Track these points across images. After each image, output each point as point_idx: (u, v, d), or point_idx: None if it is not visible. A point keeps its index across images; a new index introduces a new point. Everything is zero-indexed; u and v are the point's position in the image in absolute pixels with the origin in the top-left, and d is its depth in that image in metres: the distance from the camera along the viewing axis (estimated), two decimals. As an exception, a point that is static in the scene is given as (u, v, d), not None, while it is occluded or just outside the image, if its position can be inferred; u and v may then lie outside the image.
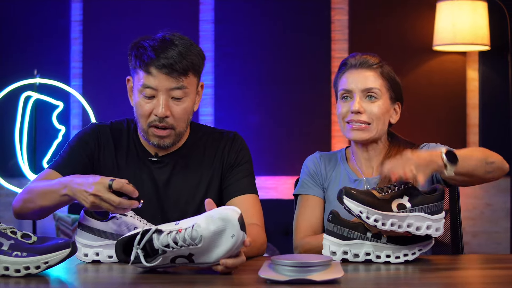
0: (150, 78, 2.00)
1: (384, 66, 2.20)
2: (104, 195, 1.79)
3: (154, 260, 1.63)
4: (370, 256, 1.87)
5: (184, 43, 2.03)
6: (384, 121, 2.19)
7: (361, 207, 1.78)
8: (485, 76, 4.29)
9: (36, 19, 4.43)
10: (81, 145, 2.13)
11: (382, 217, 1.78)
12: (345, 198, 1.80)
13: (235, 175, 2.14)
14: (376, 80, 2.18)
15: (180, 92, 2.02)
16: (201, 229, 1.59)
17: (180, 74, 2.01)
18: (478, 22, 3.99)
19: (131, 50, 2.08)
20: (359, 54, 2.23)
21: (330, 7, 4.38)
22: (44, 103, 4.28)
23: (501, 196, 4.28)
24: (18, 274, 1.63)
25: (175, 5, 4.41)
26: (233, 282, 1.61)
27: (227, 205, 2.12)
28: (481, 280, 1.66)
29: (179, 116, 2.05)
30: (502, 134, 4.19)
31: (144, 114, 2.04)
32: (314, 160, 2.29)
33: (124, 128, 2.18)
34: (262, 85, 4.34)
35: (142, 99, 2.03)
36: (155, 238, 1.63)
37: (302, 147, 4.20)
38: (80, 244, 1.89)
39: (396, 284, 1.65)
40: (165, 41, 2.03)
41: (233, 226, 1.60)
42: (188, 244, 1.59)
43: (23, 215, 2.05)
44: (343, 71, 2.22)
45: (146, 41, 2.05)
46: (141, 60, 2.02)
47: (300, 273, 1.56)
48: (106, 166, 2.12)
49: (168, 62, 1.98)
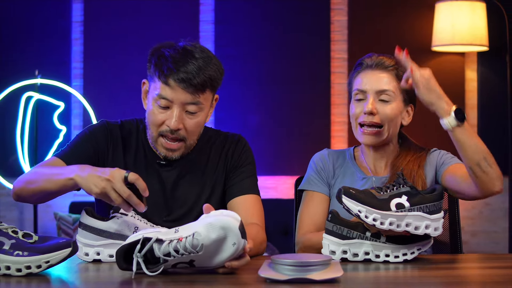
0: (167, 90, 1.98)
1: (400, 68, 2.18)
2: (117, 183, 1.78)
3: (155, 268, 1.63)
4: (369, 255, 1.87)
5: (204, 57, 2.00)
6: (396, 123, 2.19)
7: (360, 206, 1.78)
8: (483, 76, 4.29)
9: (37, 20, 4.43)
10: (90, 139, 2.11)
11: (380, 216, 1.78)
12: (344, 198, 1.80)
13: (238, 176, 2.14)
14: (391, 82, 2.17)
15: (195, 107, 2.01)
16: (201, 238, 1.58)
17: (198, 90, 1.98)
18: (477, 23, 3.99)
19: (152, 56, 2.04)
20: (376, 54, 2.22)
21: (330, 8, 4.38)
22: (45, 103, 4.28)
23: (500, 196, 4.25)
24: (19, 273, 1.63)
25: (175, 6, 4.41)
26: (233, 281, 1.61)
27: (228, 204, 2.13)
28: (480, 279, 1.66)
29: (191, 130, 2.03)
30: (500, 134, 4.19)
31: (156, 123, 2.02)
32: (322, 157, 2.28)
33: (133, 128, 2.17)
34: (262, 85, 4.34)
35: (156, 108, 2.01)
36: (156, 247, 1.62)
37: (301, 147, 4.20)
38: (81, 244, 1.89)
39: (395, 283, 1.65)
40: (186, 53, 1.99)
41: (234, 235, 1.59)
42: (189, 252, 1.59)
43: (22, 196, 2.00)
44: (358, 71, 2.20)
45: (167, 50, 2.01)
46: (161, 70, 1.98)
47: (300, 272, 1.56)
48: (114, 164, 2.09)
49: (187, 77, 1.96)
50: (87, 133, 2.12)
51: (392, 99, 2.16)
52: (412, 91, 2.13)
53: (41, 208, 4.43)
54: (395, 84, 2.17)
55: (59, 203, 4.44)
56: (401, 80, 2.12)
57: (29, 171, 2.01)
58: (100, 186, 1.79)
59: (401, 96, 2.18)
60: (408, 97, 2.20)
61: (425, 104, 1.99)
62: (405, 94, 2.19)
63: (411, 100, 2.22)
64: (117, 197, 1.79)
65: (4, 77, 4.31)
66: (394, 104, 2.17)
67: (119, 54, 4.40)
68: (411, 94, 2.18)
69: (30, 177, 1.97)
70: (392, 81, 2.17)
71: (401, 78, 2.12)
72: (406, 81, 2.03)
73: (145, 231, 1.67)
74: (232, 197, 2.13)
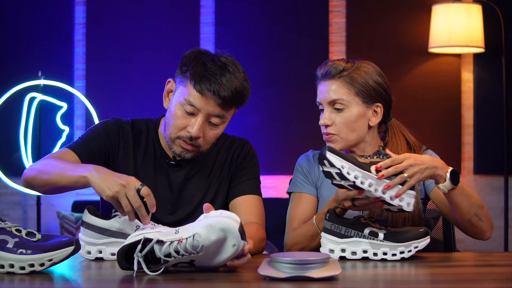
0: (197, 97, 1.97)
1: (354, 70, 2.11)
2: (131, 191, 1.77)
3: (156, 268, 1.63)
4: (367, 253, 1.87)
5: (241, 78, 2.00)
6: (356, 127, 2.12)
7: (343, 162, 1.77)
8: (479, 77, 4.29)
9: (41, 23, 4.43)
10: (102, 133, 2.10)
11: (362, 175, 1.77)
12: (328, 153, 1.77)
13: (241, 177, 2.14)
14: (340, 90, 2.10)
15: (218, 120, 2.01)
16: (202, 239, 1.58)
17: (227, 104, 1.98)
18: (473, 25, 3.99)
19: (189, 60, 2.01)
20: (327, 62, 2.17)
21: (328, 10, 4.38)
22: (48, 104, 4.28)
23: (495, 195, 4.28)
24: (22, 271, 1.63)
25: (176, 8, 4.41)
26: (233, 279, 1.61)
27: (230, 204, 2.13)
28: (475, 277, 1.66)
29: (209, 140, 2.04)
30: (495, 133, 4.19)
31: (178, 127, 2.01)
32: (308, 159, 2.26)
33: (144, 127, 2.16)
34: (262, 86, 4.34)
35: (181, 112, 2.00)
36: (157, 248, 1.62)
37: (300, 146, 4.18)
38: (84, 242, 1.89)
39: (392, 280, 1.65)
40: (224, 66, 1.99)
41: (234, 237, 1.59)
42: (189, 253, 1.59)
43: (32, 184, 1.99)
44: (317, 83, 2.18)
45: (206, 58, 2.00)
46: (197, 76, 1.96)
47: (299, 270, 1.56)
48: (123, 161, 2.10)
49: (222, 92, 1.95)
50: (99, 128, 2.12)
51: (345, 106, 2.10)
52: (375, 90, 2.12)
53: (44, 207, 4.43)
54: (346, 90, 2.10)
55: (62, 202, 4.44)
56: (353, 84, 2.09)
57: (42, 161, 1.98)
58: (114, 190, 1.78)
59: (357, 99, 2.10)
60: (370, 97, 2.11)
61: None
62: (363, 96, 2.10)
63: (375, 99, 2.13)
64: (127, 205, 1.77)
65: (8, 78, 4.31)
66: (348, 111, 2.11)
67: (120, 55, 4.40)
68: (374, 93, 2.12)
69: (43, 168, 1.95)
70: (342, 88, 2.10)
71: (355, 81, 2.09)
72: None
73: (146, 231, 1.67)
74: (234, 197, 2.13)
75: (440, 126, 4.26)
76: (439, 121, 4.27)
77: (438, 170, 1.86)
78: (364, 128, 2.14)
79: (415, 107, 4.23)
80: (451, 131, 4.27)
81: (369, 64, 2.15)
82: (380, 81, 2.13)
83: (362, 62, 2.15)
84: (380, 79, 2.13)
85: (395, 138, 2.19)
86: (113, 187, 1.78)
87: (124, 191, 1.77)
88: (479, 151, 4.26)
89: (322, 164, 1.79)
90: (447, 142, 4.24)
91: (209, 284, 1.57)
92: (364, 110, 2.12)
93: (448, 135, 4.24)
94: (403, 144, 2.18)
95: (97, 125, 2.14)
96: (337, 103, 2.11)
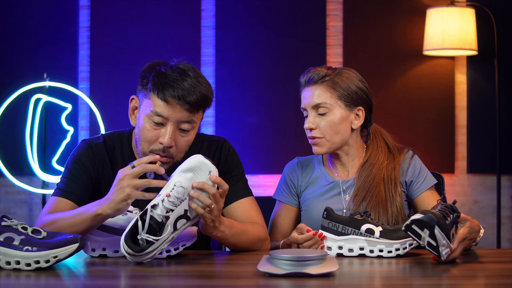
0: (163, 106, 1.92)
1: (336, 75, 2.16)
2: (132, 182, 1.77)
3: (163, 231, 1.70)
4: (363, 250, 1.87)
5: (197, 77, 1.96)
6: (340, 130, 2.16)
7: (446, 240, 1.70)
8: (472, 79, 4.29)
9: (46, 26, 4.43)
10: (80, 168, 2.03)
11: (446, 244, 1.71)
12: (437, 229, 1.68)
13: (229, 182, 2.05)
14: (323, 94, 2.15)
15: (188, 125, 1.97)
16: (181, 183, 1.73)
17: (193, 108, 1.94)
18: (466, 28, 3.99)
19: (147, 72, 1.98)
20: (309, 69, 2.21)
21: (326, 14, 4.38)
22: (54, 105, 4.28)
23: (488, 193, 4.29)
24: (28, 268, 1.63)
25: (178, 12, 4.41)
26: (232, 275, 1.61)
27: (225, 210, 2.11)
28: (468, 274, 1.66)
29: (181, 148, 2.00)
30: (488, 134, 4.19)
31: (149, 140, 1.96)
32: (292, 169, 2.31)
33: (117, 142, 2.10)
34: (261, 88, 4.34)
35: (149, 124, 1.95)
36: (154, 213, 1.70)
37: (297, 147, 4.19)
38: (88, 239, 1.89)
39: (388, 277, 1.65)
40: (182, 71, 1.95)
41: (205, 165, 1.77)
42: (180, 200, 1.71)
43: None
44: (300, 90, 2.22)
45: (163, 67, 1.96)
46: (159, 85, 1.93)
47: (297, 267, 1.56)
48: (106, 183, 2.03)
49: (184, 94, 1.91)
50: (76, 164, 2.04)
51: (328, 110, 2.14)
52: (357, 94, 2.15)
53: (49, 206, 4.42)
54: (328, 94, 2.15)
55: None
56: (336, 88, 2.13)
57: (45, 220, 1.90)
58: (126, 193, 1.77)
59: (340, 102, 2.14)
60: (352, 101, 2.16)
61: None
62: (345, 100, 2.15)
63: (357, 103, 2.17)
64: (144, 194, 1.78)
65: (14, 80, 4.31)
66: (332, 114, 2.14)
67: (124, 58, 4.40)
68: (356, 97, 2.16)
69: (52, 226, 1.87)
70: (325, 92, 2.15)
71: (337, 86, 2.13)
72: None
73: (132, 215, 1.85)
74: (227, 204, 2.10)
75: (434, 126, 4.26)
76: (433, 122, 4.27)
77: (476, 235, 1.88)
78: (347, 131, 2.17)
79: (410, 108, 4.23)
80: (445, 131, 4.27)
81: (350, 70, 2.21)
82: (361, 86, 2.19)
83: (343, 68, 2.22)
84: (361, 84, 2.19)
85: (376, 141, 2.24)
86: (121, 197, 1.78)
87: (129, 190, 1.77)
88: (472, 151, 4.26)
89: (421, 229, 1.71)
90: (441, 142, 4.23)
91: (208, 280, 1.57)
92: (347, 113, 2.16)
93: (442, 135, 4.24)
94: (384, 147, 2.23)
95: (72, 159, 2.06)
96: (320, 107, 2.15)
